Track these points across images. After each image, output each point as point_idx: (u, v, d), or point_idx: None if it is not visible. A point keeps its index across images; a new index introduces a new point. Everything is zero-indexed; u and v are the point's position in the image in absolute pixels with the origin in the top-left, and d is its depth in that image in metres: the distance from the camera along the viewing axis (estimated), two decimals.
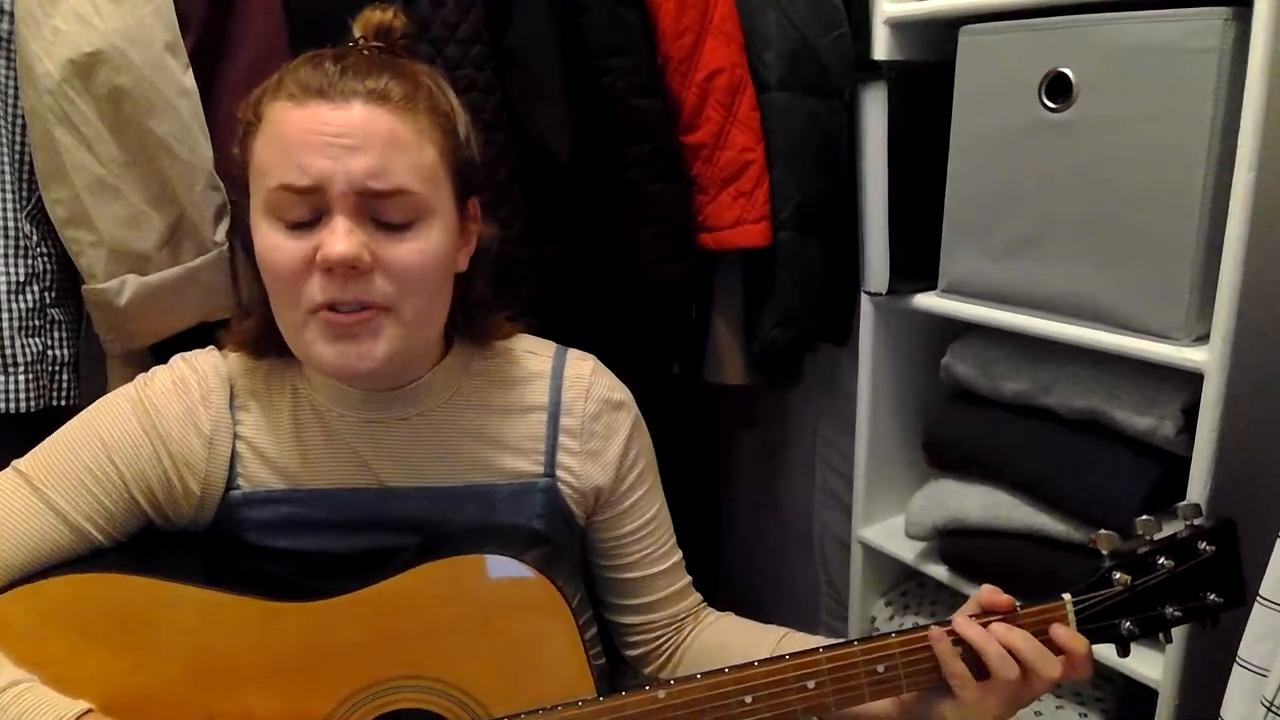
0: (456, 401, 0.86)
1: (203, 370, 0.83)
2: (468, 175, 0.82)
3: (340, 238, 0.72)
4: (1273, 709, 0.74)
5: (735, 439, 1.78)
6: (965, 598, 0.80)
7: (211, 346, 0.86)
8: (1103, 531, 0.79)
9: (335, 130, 0.72)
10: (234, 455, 0.82)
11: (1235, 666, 0.79)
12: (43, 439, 0.80)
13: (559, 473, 0.88)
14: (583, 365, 0.91)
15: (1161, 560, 0.78)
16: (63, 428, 0.81)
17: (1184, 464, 1.04)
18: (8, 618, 0.74)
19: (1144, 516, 0.80)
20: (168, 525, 0.82)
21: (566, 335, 0.96)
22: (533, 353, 0.91)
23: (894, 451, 1.43)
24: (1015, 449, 1.22)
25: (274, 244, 0.74)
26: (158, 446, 0.79)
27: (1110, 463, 1.12)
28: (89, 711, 0.71)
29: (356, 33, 0.79)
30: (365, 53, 0.78)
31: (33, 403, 0.98)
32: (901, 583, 1.50)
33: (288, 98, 0.74)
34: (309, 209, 0.73)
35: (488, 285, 0.88)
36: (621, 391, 0.93)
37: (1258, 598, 0.78)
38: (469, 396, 0.87)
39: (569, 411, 0.89)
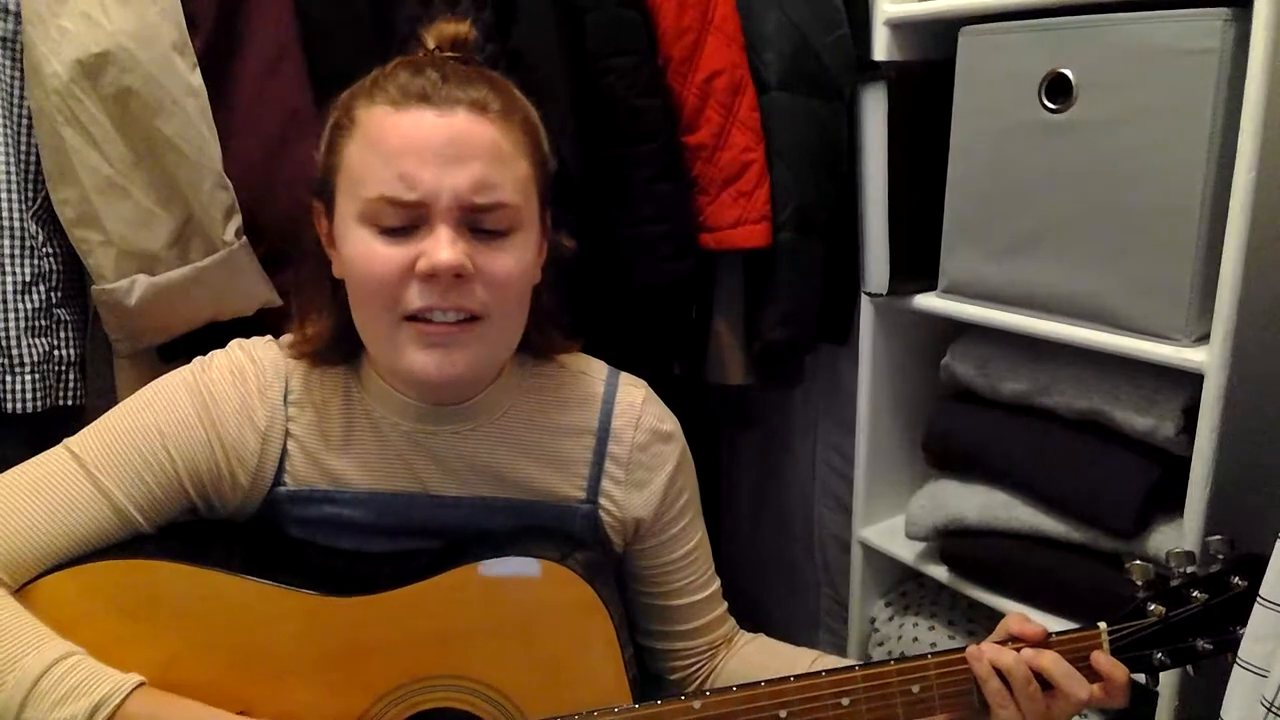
0: (510, 417, 0.86)
1: (261, 362, 0.82)
2: (549, 187, 0.82)
3: (445, 246, 0.72)
4: (1273, 709, 0.74)
5: (735, 439, 1.77)
6: (965, 598, 0.81)
7: (270, 337, 0.86)
8: (1136, 562, 0.81)
9: (442, 139, 0.72)
10: (284, 452, 0.81)
11: (1235, 667, 0.79)
12: (48, 438, 0.80)
13: (601, 500, 0.87)
14: (635, 393, 0.90)
15: (1195, 593, 0.79)
16: (116, 410, 0.80)
17: (1184, 464, 1.04)
18: (56, 599, 0.74)
19: (1176, 549, 0.82)
20: (210, 514, 0.82)
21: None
22: (585, 373, 0.90)
23: (894, 451, 1.43)
24: (1015, 449, 1.22)
25: (371, 251, 0.74)
26: (211, 436, 0.79)
27: (1110, 463, 1.12)
28: (141, 684, 0.71)
29: (430, 43, 0.78)
30: (457, 63, 0.77)
31: (38, 403, 0.98)
32: (901, 583, 1.50)
33: (387, 101, 0.73)
34: (408, 218, 0.73)
35: (552, 296, 0.87)
36: (671, 422, 0.92)
37: (1258, 598, 0.78)
38: (521, 413, 0.86)
39: (617, 440, 0.88)
